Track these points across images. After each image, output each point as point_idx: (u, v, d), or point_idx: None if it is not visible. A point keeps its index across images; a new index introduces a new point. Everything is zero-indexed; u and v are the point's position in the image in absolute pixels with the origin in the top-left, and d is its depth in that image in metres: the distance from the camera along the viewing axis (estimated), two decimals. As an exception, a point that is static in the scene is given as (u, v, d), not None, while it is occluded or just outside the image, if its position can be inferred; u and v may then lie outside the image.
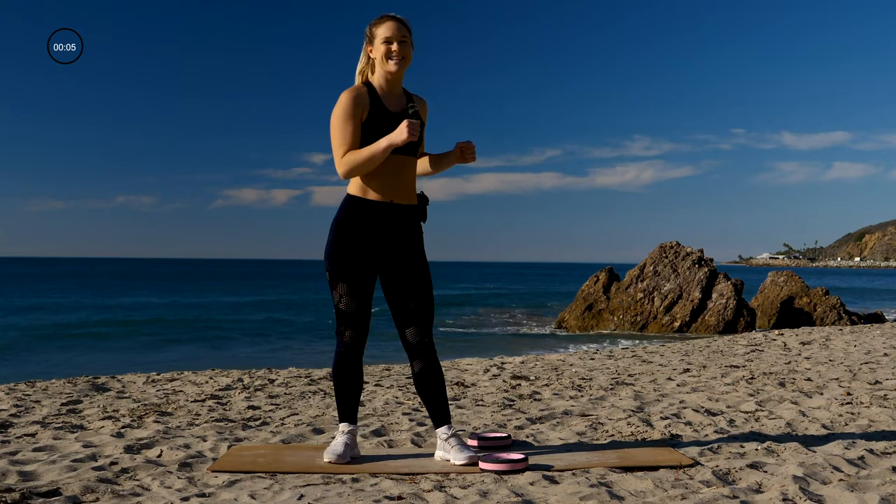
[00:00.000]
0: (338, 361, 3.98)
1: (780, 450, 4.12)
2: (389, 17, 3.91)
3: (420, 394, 4.00)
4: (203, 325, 24.08)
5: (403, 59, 3.89)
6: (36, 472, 3.75)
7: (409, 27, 3.94)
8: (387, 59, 3.87)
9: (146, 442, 4.42)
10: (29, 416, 5.33)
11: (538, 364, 8.78)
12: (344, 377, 3.97)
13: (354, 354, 3.96)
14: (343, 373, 3.97)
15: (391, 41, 3.86)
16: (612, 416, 5.23)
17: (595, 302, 19.67)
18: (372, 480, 3.62)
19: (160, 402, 6.00)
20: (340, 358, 3.97)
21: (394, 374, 7.83)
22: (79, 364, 13.60)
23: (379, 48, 3.88)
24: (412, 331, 3.94)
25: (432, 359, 3.96)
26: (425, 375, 3.95)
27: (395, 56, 3.87)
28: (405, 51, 3.89)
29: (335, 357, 4.00)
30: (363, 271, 3.90)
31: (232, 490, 3.47)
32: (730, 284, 18.78)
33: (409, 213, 3.96)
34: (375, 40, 3.90)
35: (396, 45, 3.86)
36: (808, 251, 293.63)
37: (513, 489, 3.45)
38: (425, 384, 3.96)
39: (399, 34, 3.87)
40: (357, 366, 3.98)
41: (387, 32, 3.87)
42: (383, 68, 3.90)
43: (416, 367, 3.97)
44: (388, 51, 3.87)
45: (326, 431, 4.83)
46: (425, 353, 3.95)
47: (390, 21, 3.90)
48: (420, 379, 3.97)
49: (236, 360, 13.94)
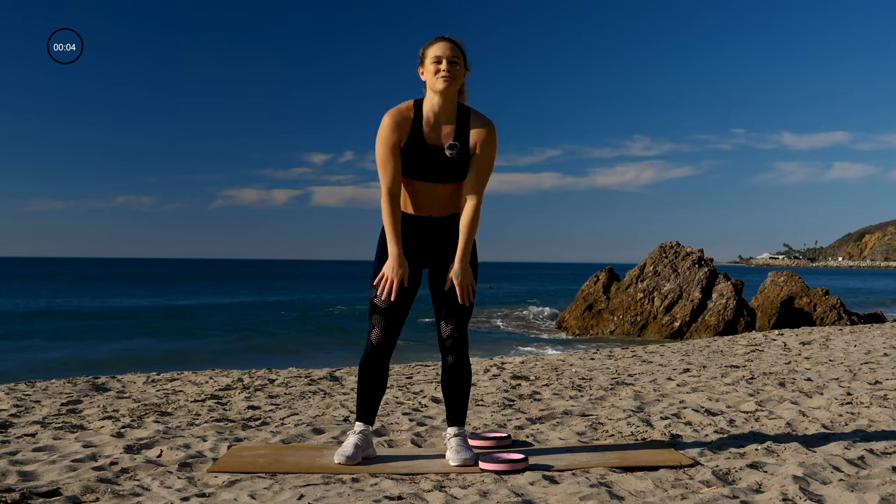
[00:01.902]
0: (364, 361, 3.98)
1: (780, 450, 4.12)
2: (443, 38, 3.83)
3: (444, 389, 4.01)
4: (202, 324, 24.06)
5: (452, 79, 3.77)
6: (36, 472, 3.75)
7: (463, 49, 3.85)
8: (435, 77, 3.78)
9: (146, 442, 4.42)
10: (29, 416, 5.33)
11: (538, 364, 8.78)
12: (366, 377, 3.97)
13: (380, 355, 3.95)
14: (366, 373, 3.97)
15: (440, 60, 3.77)
16: (612, 416, 5.23)
17: (595, 302, 19.66)
18: (372, 480, 3.62)
19: (160, 402, 6.00)
20: (366, 357, 3.97)
21: (394, 375, 7.83)
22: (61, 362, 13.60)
23: (429, 68, 3.79)
24: (445, 327, 3.93)
25: (462, 357, 3.96)
26: (453, 372, 3.96)
27: (444, 74, 3.76)
28: (455, 70, 3.78)
29: (362, 356, 4.00)
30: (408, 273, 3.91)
31: (232, 490, 3.47)
32: (730, 284, 18.77)
33: (452, 223, 3.94)
34: (426, 61, 3.81)
35: (446, 63, 3.76)
36: (808, 251, 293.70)
37: (513, 489, 3.45)
38: (451, 380, 3.98)
39: (451, 54, 3.78)
40: (381, 368, 3.97)
41: (437, 52, 3.78)
42: (432, 88, 3.80)
43: (447, 363, 3.97)
44: (437, 69, 3.77)
45: (326, 431, 4.83)
46: (456, 350, 3.94)
47: (443, 41, 3.81)
48: (447, 374, 3.98)
49: (236, 361, 13.92)
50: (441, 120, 3.85)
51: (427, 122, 3.83)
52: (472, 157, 3.86)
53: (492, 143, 3.89)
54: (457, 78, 3.79)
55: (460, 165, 3.84)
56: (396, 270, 3.80)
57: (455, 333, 3.93)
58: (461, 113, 3.88)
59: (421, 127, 3.82)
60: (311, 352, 16.42)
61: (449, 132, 3.84)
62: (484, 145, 3.86)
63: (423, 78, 3.86)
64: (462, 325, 3.95)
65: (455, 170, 3.84)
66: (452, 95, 3.84)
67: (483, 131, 3.86)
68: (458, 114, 3.88)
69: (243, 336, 20.68)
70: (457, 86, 3.82)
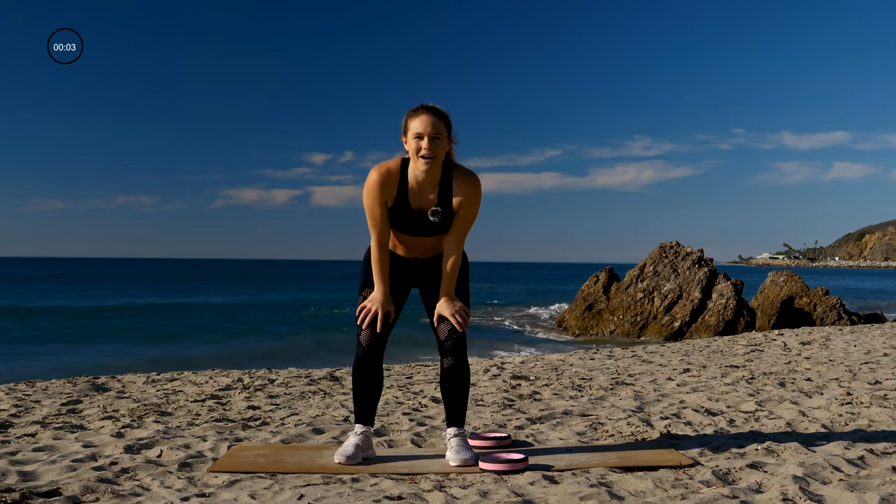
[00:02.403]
0: (356, 364, 3.99)
1: (780, 450, 4.12)
2: (425, 109, 3.79)
3: (443, 390, 4.02)
4: (202, 323, 24.06)
5: (434, 158, 3.75)
6: (36, 472, 3.75)
7: (446, 120, 3.81)
8: (417, 155, 3.77)
9: (146, 442, 4.42)
10: (29, 416, 5.33)
11: (538, 364, 8.78)
12: (360, 380, 3.98)
13: (371, 357, 3.96)
14: (359, 375, 3.98)
15: (422, 137, 3.74)
16: (612, 416, 5.23)
17: (595, 302, 19.65)
18: (372, 480, 3.62)
19: (160, 402, 6.00)
20: (357, 361, 3.98)
21: (394, 375, 7.83)
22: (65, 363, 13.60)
23: (411, 143, 3.78)
24: (443, 329, 3.94)
25: (461, 359, 3.96)
26: (451, 373, 3.96)
27: (425, 153, 3.74)
28: (437, 148, 3.75)
29: (354, 359, 4.01)
30: (394, 289, 4.04)
31: (232, 490, 3.47)
32: (730, 284, 18.77)
33: (438, 260, 4.05)
34: (409, 133, 3.79)
35: (427, 140, 3.73)
36: (807, 251, 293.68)
37: (513, 489, 3.45)
38: (449, 382, 3.97)
39: (433, 130, 3.74)
40: (373, 369, 3.98)
41: (419, 127, 3.75)
42: (414, 164, 3.81)
43: (445, 365, 3.97)
44: (419, 147, 3.75)
45: (326, 431, 4.83)
46: (454, 352, 3.94)
47: (424, 114, 3.77)
48: (446, 376, 3.98)
49: (235, 361, 13.92)
50: (426, 187, 3.86)
51: (412, 188, 3.86)
52: (456, 215, 3.91)
53: (475, 200, 3.91)
54: (438, 156, 3.79)
55: (444, 226, 3.92)
56: (382, 305, 3.90)
57: (453, 336, 3.93)
58: (445, 175, 3.88)
59: (406, 191, 3.85)
60: (311, 352, 16.43)
61: (433, 199, 3.87)
62: (467, 204, 3.89)
63: (406, 147, 3.86)
64: None
65: (439, 229, 3.93)
66: (436, 167, 3.83)
67: (467, 192, 3.88)
68: (443, 177, 3.87)
69: (243, 336, 20.67)
70: (440, 161, 3.81)
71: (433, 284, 4.05)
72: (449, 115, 3.85)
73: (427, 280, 4.08)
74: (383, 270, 3.90)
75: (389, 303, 3.92)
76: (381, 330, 3.91)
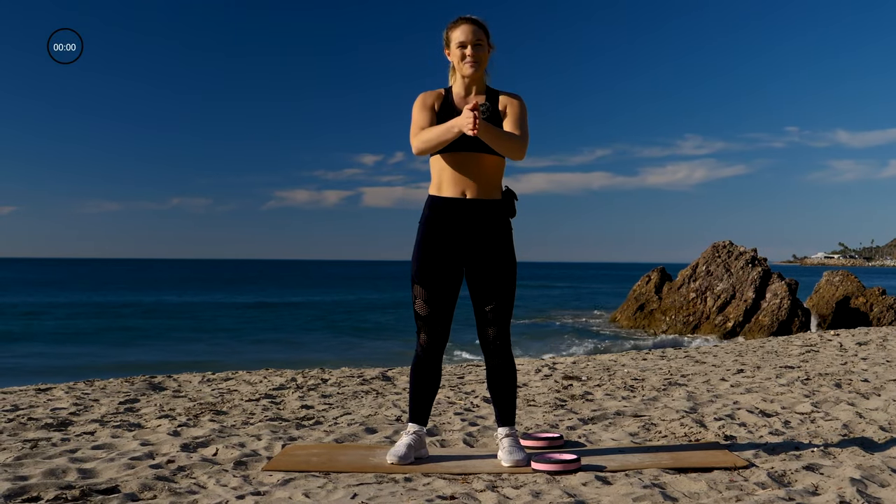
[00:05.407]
0: (414, 363, 4.01)
1: (836, 452, 4.07)
2: (464, 19, 3.88)
3: (491, 390, 4.02)
4: (258, 325, 24.31)
5: (478, 63, 3.85)
6: (95, 470, 3.82)
7: (486, 28, 3.89)
8: (461, 62, 3.86)
9: (202, 440, 4.48)
10: (88, 415, 5.43)
11: (590, 364, 8.74)
12: (417, 379, 3.99)
13: (430, 357, 3.96)
14: (417, 374, 3.99)
15: (465, 45, 3.84)
16: (665, 416, 5.19)
17: (647, 302, 19.53)
18: (425, 480, 3.63)
19: (215, 401, 6.08)
20: (416, 360, 3.99)
21: (446, 375, 7.84)
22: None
23: (454, 52, 3.87)
24: (489, 330, 3.94)
25: (506, 359, 3.96)
26: (497, 373, 3.97)
27: (469, 60, 3.83)
28: (479, 55, 3.84)
29: (413, 358, 4.02)
30: (443, 274, 3.88)
31: (286, 489, 3.51)
32: (784, 284, 18.53)
33: (487, 209, 3.88)
34: (451, 44, 3.88)
35: (470, 48, 3.83)
36: (863, 250, 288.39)
37: (565, 490, 3.44)
38: (496, 382, 3.98)
39: (474, 37, 3.83)
40: (431, 369, 3.98)
41: (461, 36, 3.84)
42: (460, 73, 3.90)
43: (490, 365, 3.98)
44: (462, 55, 3.84)
45: (379, 431, 4.86)
46: (500, 353, 3.95)
47: (465, 24, 3.86)
48: (492, 376, 3.99)
49: (289, 360, 14.05)
50: (472, 93, 3.95)
51: (458, 96, 3.93)
52: (505, 118, 3.91)
53: (520, 102, 3.94)
54: (482, 61, 3.88)
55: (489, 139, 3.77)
56: (466, 108, 3.60)
57: (498, 336, 3.93)
58: (489, 90, 3.98)
59: (452, 100, 3.92)
60: (363, 352, 16.53)
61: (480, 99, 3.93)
62: (514, 106, 3.91)
63: (449, 59, 3.96)
64: (504, 326, 3.95)
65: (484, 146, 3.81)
66: (480, 75, 3.93)
67: (514, 102, 3.93)
68: (487, 90, 3.97)
69: (295, 336, 20.87)
70: (483, 67, 3.91)
71: (482, 267, 3.88)
72: (486, 23, 3.92)
73: (476, 251, 3.87)
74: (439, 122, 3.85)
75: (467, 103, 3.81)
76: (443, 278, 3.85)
